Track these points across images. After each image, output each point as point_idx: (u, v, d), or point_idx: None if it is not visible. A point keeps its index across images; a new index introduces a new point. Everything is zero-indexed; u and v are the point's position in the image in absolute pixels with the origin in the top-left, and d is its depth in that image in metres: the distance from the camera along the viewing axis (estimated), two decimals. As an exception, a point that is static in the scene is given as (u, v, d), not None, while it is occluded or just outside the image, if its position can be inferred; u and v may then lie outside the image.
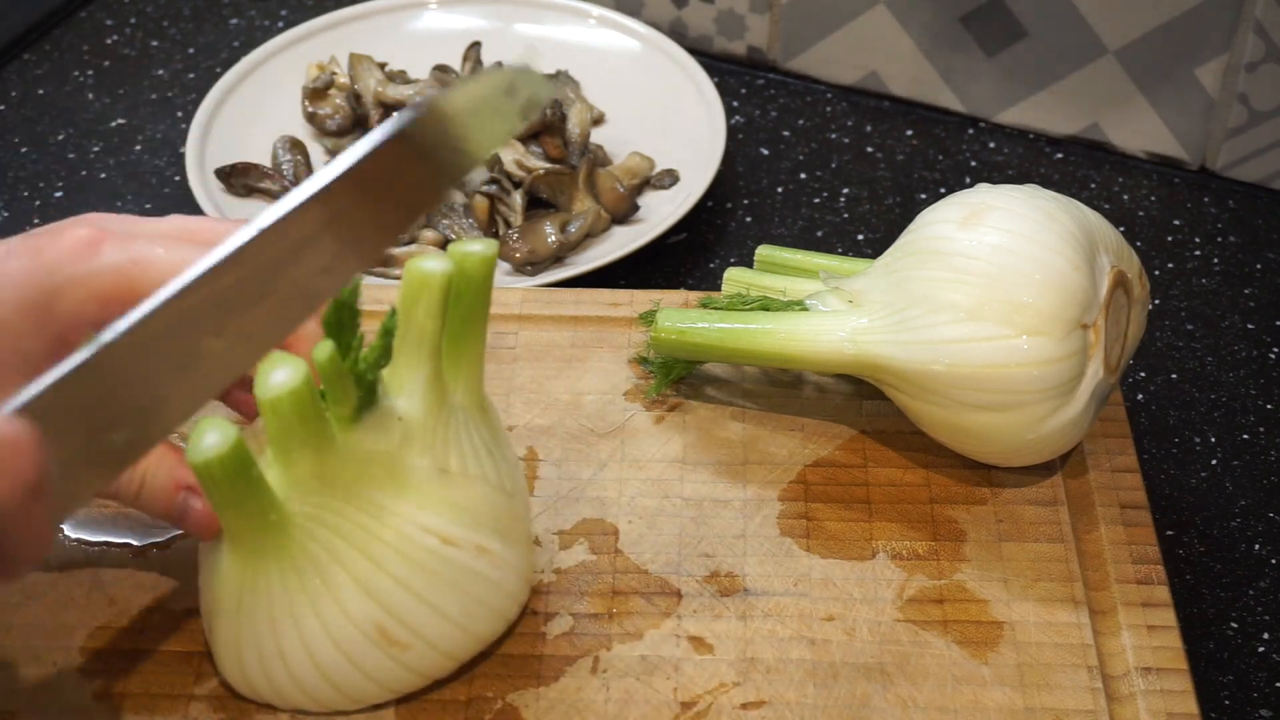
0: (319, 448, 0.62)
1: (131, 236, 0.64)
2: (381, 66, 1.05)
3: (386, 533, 0.63)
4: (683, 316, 0.78)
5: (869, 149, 1.06)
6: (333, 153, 1.03)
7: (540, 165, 0.98)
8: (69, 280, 0.63)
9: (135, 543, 0.73)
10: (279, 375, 0.60)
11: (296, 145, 1.01)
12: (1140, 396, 0.88)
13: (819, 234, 1.00)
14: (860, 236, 1.00)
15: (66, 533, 0.73)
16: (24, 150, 1.06)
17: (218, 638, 0.65)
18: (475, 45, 1.08)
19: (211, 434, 0.59)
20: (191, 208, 0.98)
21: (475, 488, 0.65)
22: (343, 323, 0.63)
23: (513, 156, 0.99)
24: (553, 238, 0.94)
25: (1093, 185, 1.03)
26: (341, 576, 0.63)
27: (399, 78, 1.05)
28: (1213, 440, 0.86)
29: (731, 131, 1.06)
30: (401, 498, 0.63)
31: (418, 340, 0.64)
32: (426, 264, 0.63)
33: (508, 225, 0.97)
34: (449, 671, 0.66)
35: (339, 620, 0.63)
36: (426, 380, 0.64)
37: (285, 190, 0.98)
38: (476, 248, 0.66)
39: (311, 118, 1.04)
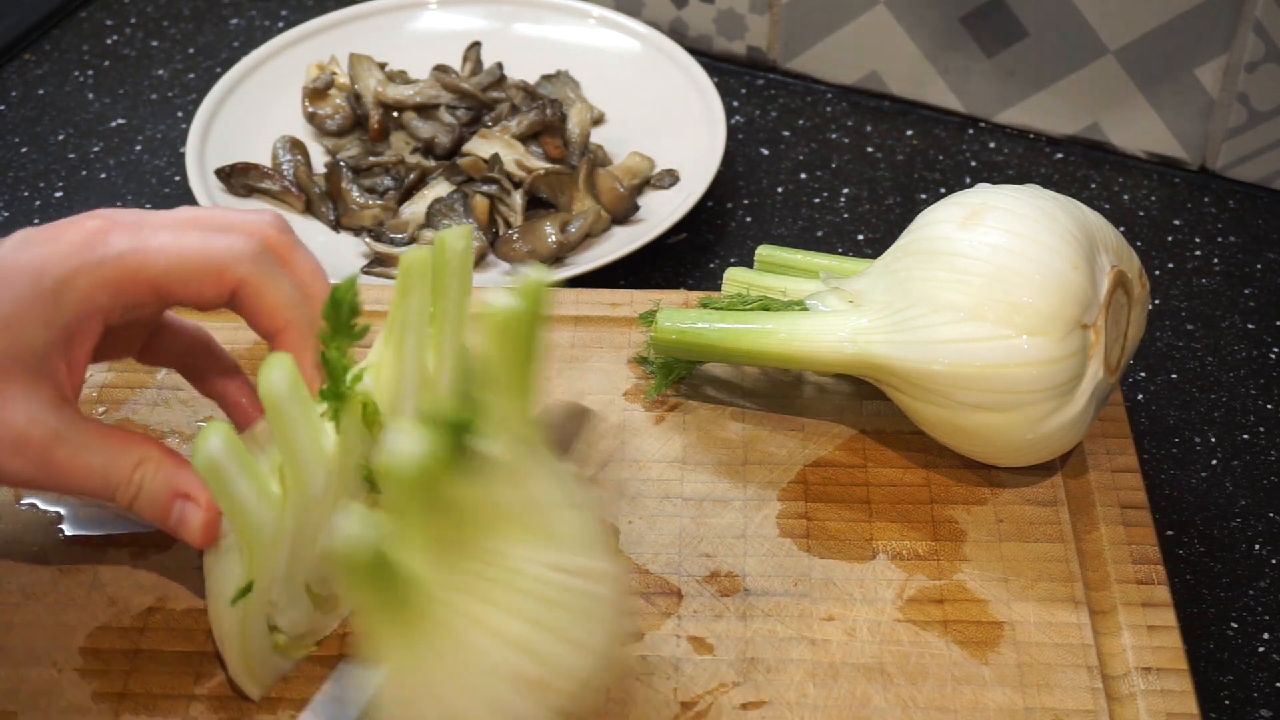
0: (438, 512, 0.59)
1: (139, 225, 0.65)
2: (381, 66, 1.05)
3: (515, 579, 0.60)
4: (683, 316, 0.78)
5: (869, 149, 1.06)
6: (333, 153, 1.03)
7: (540, 165, 0.98)
8: (78, 267, 0.63)
9: (133, 550, 0.73)
10: (407, 443, 0.56)
11: (297, 145, 1.01)
12: (1140, 396, 0.88)
13: (819, 234, 1.00)
14: (860, 236, 1.00)
15: (67, 533, 0.73)
16: (24, 150, 1.06)
17: None
18: (475, 45, 1.08)
19: (359, 527, 0.56)
20: (191, 208, 0.98)
21: (569, 512, 0.63)
22: (341, 320, 0.63)
23: (513, 156, 0.99)
24: (553, 238, 0.94)
25: (1093, 185, 1.03)
26: (482, 639, 0.59)
27: (399, 78, 1.05)
28: (1213, 440, 0.86)
29: (731, 131, 1.06)
30: (517, 540, 0.60)
31: (504, 379, 0.61)
32: (503, 300, 0.60)
33: (508, 225, 0.97)
34: (588, 705, 0.62)
35: (486, 681, 0.59)
36: (507, 417, 0.61)
37: (285, 190, 0.98)
38: (534, 275, 0.61)
39: (311, 118, 1.04)
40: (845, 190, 1.03)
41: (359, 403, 0.65)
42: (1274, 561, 0.79)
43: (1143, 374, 0.90)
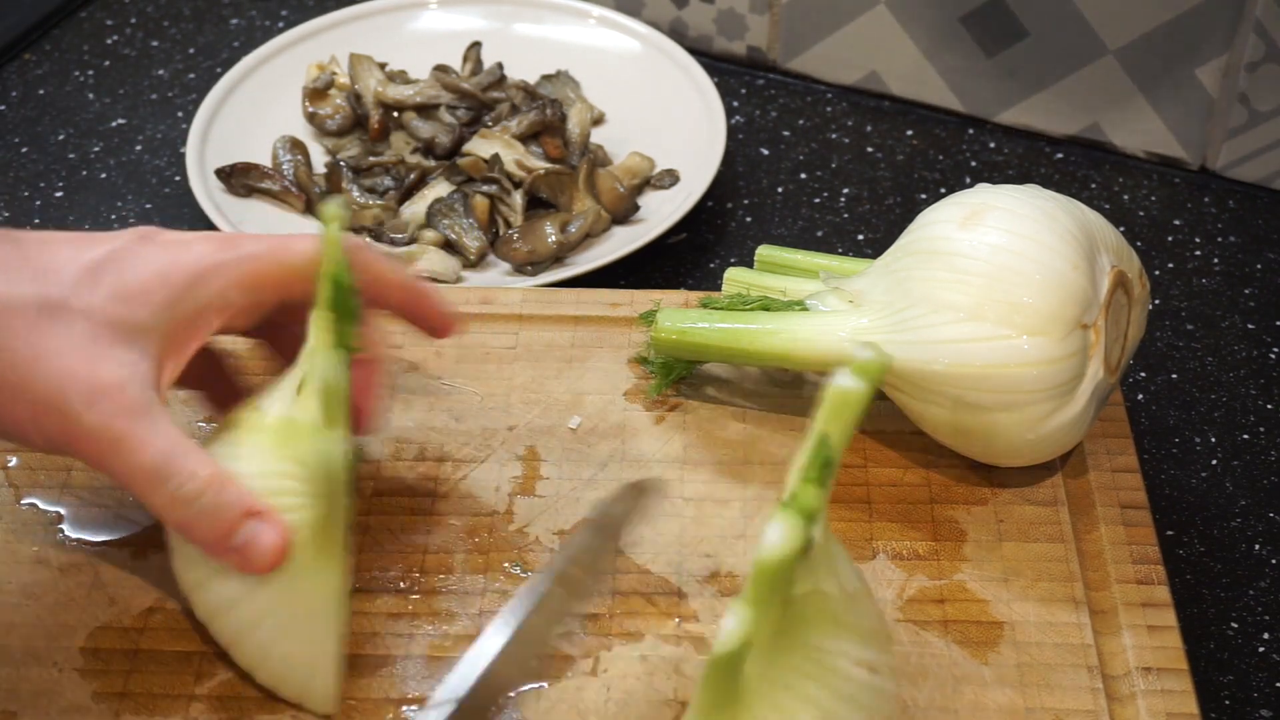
0: (785, 604, 0.57)
1: (265, 236, 0.67)
2: (381, 66, 1.05)
3: (826, 675, 0.58)
4: (683, 316, 0.78)
5: (869, 149, 1.06)
6: (333, 153, 1.03)
7: (540, 165, 0.98)
8: (219, 263, 0.65)
9: (134, 550, 0.73)
10: (778, 535, 0.54)
11: (297, 145, 1.01)
12: (1140, 396, 0.88)
13: (819, 234, 1.00)
14: (860, 236, 1.00)
15: (67, 533, 0.73)
16: (24, 150, 1.06)
17: None
18: (475, 45, 1.08)
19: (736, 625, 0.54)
20: (192, 208, 0.98)
21: (863, 604, 0.61)
22: (343, 305, 0.63)
23: (513, 156, 0.99)
24: (553, 238, 0.94)
25: (1093, 185, 1.03)
26: None
27: (399, 78, 1.05)
28: (1213, 440, 0.86)
29: (731, 131, 1.06)
30: (830, 634, 0.58)
31: (823, 462, 0.57)
32: (846, 382, 0.57)
33: (508, 225, 0.97)
34: None
35: None
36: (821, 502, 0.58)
37: (285, 190, 0.98)
38: (875, 356, 0.57)
39: (312, 118, 1.04)
40: (845, 190, 1.03)
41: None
42: (1274, 561, 0.79)
43: (1143, 374, 0.90)
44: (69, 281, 0.63)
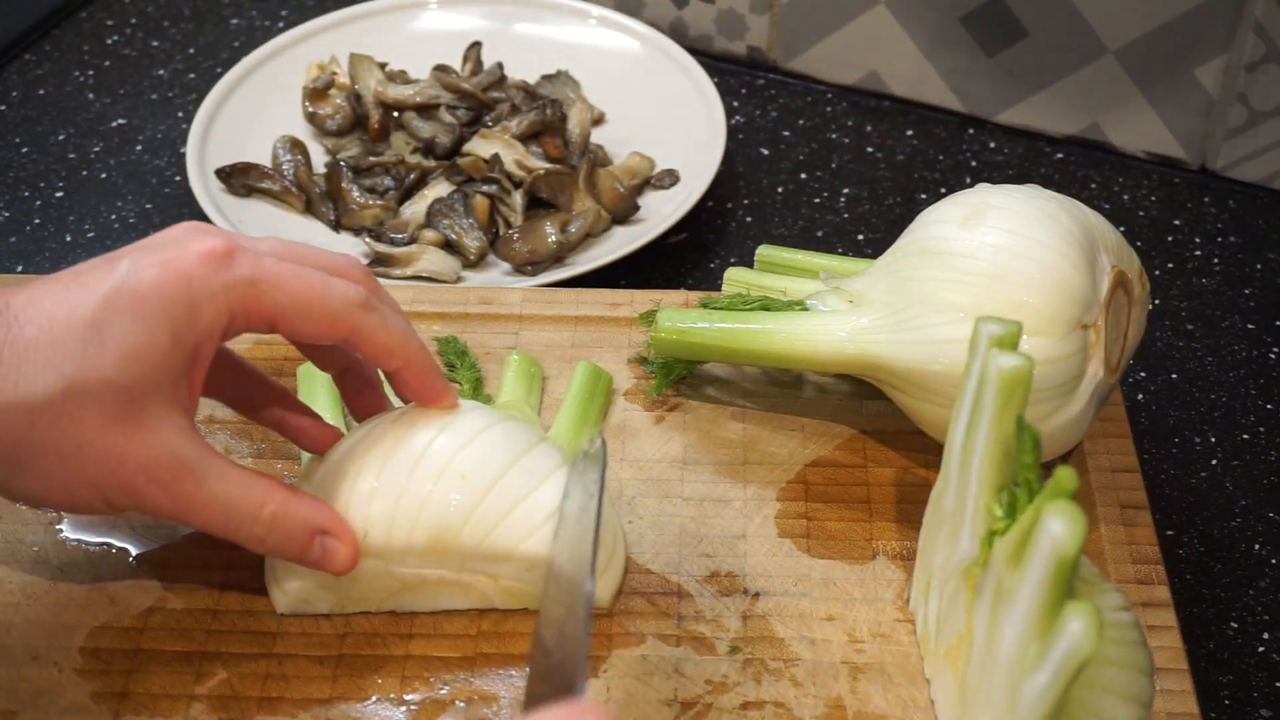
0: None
1: (257, 253, 0.64)
2: (381, 66, 1.05)
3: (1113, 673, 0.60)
4: (683, 316, 0.78)
5: (869, 149, 1.06)
6: (333, 153, 1.03)
7: (540, 165, 0.98)
8: (206, 294, 0.63)
9: (134, 550, 0.73)
10: (1060, 526, 0.55)
11: (297, 145, 1.01)
12: (1140, 396, 0.88)
13: (819, 234, 1.00)
14: (860, 236, 1.00)
15: (67, 534, 0.73)
16: (24, 150, 1.06)
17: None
18: (475, 45, 1.08)
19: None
20: (192, 208, 0.98)
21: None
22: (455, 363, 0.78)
23: (513, 156, 0.99)
24: (553, 238, 0.94)
25: (1093, 185, 1.03)
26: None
27: (399, 78, 1.05)
28: (1213, 440, 0.86)
29: (731, 131, 1.06)
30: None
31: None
32: (1003, 361, 0.61)
33: (508, 225, 0.97)
34: None
35: None
36: None
37: (285, 190, 0.98)
38: (994, 329, 0.62)
39: (311, 118, 1.04)
40: (845, 190, 1.03)
41: None
42: (1274, 561, 0.79)
43: (1143, 374, 0.90)
44: (76, 351, 0.61)
